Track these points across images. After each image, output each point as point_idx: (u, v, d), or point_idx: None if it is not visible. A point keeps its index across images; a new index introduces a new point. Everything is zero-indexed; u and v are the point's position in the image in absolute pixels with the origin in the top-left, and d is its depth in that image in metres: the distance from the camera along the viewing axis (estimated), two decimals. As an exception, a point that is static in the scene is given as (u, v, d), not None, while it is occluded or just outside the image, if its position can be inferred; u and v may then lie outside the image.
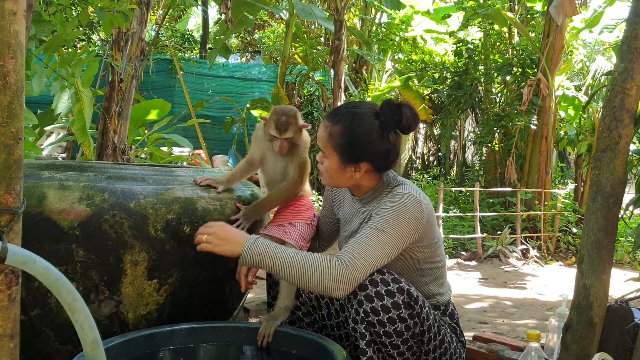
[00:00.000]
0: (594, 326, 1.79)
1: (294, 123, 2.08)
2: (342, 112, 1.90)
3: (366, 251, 1.73)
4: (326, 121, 1.91)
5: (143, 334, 1.90)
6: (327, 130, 1.89)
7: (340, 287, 1.70)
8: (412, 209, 1.80)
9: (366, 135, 1.85)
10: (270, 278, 2.23)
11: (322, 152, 1.93)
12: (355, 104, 1.95)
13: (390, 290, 1.69)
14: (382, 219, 1.78)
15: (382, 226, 1.77)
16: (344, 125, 1.86)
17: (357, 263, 1.71)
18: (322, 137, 1.90)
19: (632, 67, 1.70)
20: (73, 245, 1.93)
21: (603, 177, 1.75)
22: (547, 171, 7.36)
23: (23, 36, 1.10)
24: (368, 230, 1.78)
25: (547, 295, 4.82)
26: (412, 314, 1.71)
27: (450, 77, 8.53)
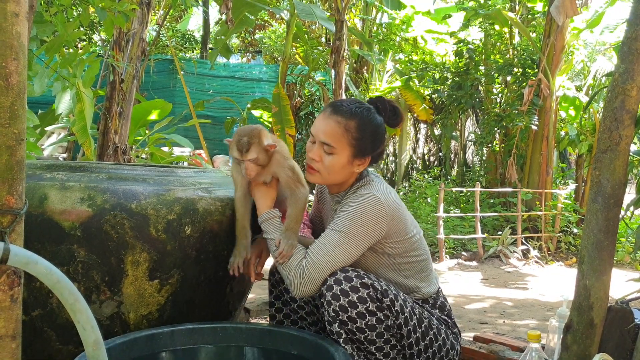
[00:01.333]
0: (594, 327, 1.79)
1: (256, 143, 1.92)
2: (352, 107, 1.90)
3: (324, 252, 1.80)
4: (337, 116, 1.88)
5: (144, 335, 1.90)
6: (341, 126, 1.86)
7: (300, 287, 1.82)
8: (370, 209, 1.83)
9: (380, 128, 1.93)
10: (273, 277, 2.22)
11: (329, 147, 1.88)
12: (355, 100, 1.98)
13: (354, 286, 1.73)
14: (340, 220, 1.85)
15: (340, 227, 1.83)
16: (361, 120, 1.88)
17: (314, 264, 1.79)
18: (334, 133, 1.87)
19: (632, 68, 1.71)
20: (74, 245, 1.93)
21: (604, 178, 1.76)
22: (548, 171, 7.36)
23: (25, 38, 1.10)
24: (328, 231, 1.86)
25: (547, 296, 4.82)
26: (380, 307, 1.74)
27: (450, 78, 8.52)
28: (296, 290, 1.84)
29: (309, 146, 1.95)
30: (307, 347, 1.88)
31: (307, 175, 1.97)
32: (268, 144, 1.93)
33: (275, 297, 2.21)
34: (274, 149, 1.95)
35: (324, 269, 1.79)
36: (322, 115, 1.93)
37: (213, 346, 2.01)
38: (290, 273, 1.84)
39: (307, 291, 1.81)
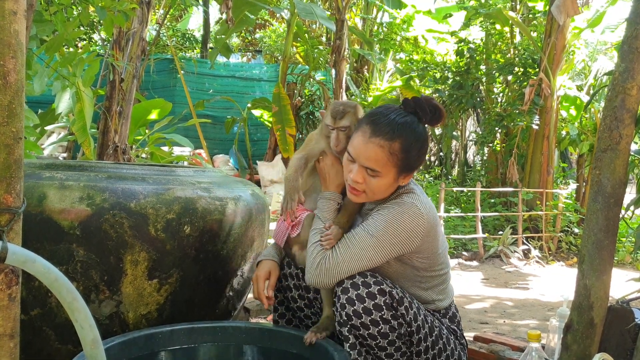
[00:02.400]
0: (594, 326, 1.79)
1: (352, 113, 1.90)
2: (394, 125, 1.75)
3: (350, 252, 1.75)
4: (378, 139, 1.73)
5: (143, 334, 1.90)
6: (385, 150, 1.73)
7: (314, 276, 1.78)
8: (409, 220, 1.77)
9: (425, 141, 1.83)
10: (279, 283, 2.10)
11: (374, 171, 1.75)
12: (394, 110, 1.81)
13: (371, 292, 1.68)
14: (375, 223, 1.78)
15: (373, 230, 1.76)
16: (406, 138, 1.75)
17: (337, 261, 1.75)
18: (378, 158, 1.74)
19: (632, 67, 1.70)
20: (73, 245, 1.93)
21: (604, 177, 1.75)
22: (549, 171, 7.35)
23: (23, 36, 1.10)
24: (360, 230, 1.79)
25: (548, 296, 4.81)
26: (395, 315, 1.70)
27: (451, 77, 8.51)
28: (309, 276, 1.79)
29: (348, 165, 1.81)
30: (306, 347, 1.88)
31: (350, 196, 1.85)
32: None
33: (279, 302, 2.14)
34: None
35: (344, 269, 1.74)
36: (360, 136, 1.77)
37: (212, 345, 2.00)
38: (312, 257, 1.79)
39: (319, 282, 1.77)
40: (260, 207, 2.39)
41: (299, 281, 2.06)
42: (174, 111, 8.29)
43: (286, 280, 2.09)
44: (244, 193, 2.33)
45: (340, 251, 1.76)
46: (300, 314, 2.11)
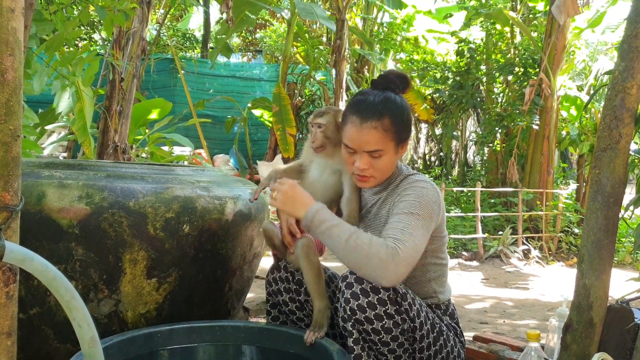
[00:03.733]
0: (594, 326, 1.78)
1: (331, 114, 2.01)
2: (376, 104, 1.84)
3: (408, 234, 1.69)
4: (369, 122, 1.81)
5: (142, 333, 1.90)
6: (379, 130, 1.81)
7: (393, 272, 1.64)
8: (432, 194, 1.84)
9: (406, 108, 1.91)
10: (270, 287, 2.12)
11: (377, 152, 1.83)
12: (369, 92, 1.90)
13: (374, 286, 1.67)
14: (410, 204, 1.79)
15: (414, 209, 1.77)
16: (391, 112, 1.84)
17: (406, 245, 1.66)
18: (376, 139, 1.82)
19: (632, 66, 1.70)
20: (72, 243, 1.93)
21: (603, 176, 1.75)
22: (549, 171, 7.34)
23: (21, 33, 1.09)
24: (401, 216, 1.76)
25: (548, 296, 4.81)
26: (399, 310, 1.70)
27: (452, 77, 8.51)
28: (389, 275, 1.64)
29: (349, 158, 1.88)
30: (305, 346, 1.87)
31: (360, 184, 1.93)
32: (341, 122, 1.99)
33: (272, 305, 2.15)
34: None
35: (415, 251, 1.70)
36: (352, 127, 1.84)
37: (211, 345, 2.00)
38: (373, 259, 1.64)
39: (401, 273, 1.66)
40: (259, 207, 2.39)
41: (289, 284, 2.06)
42: (174, 111, 8.29)
43: (276, 284, 2.08)
44: (243, 192, 2.33)
45: (402, 237, 1.68)
46: (293, 316, 2.10)
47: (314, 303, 1.94)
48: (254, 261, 2.45)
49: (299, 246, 1.94)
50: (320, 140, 2.00)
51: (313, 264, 1.93)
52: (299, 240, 1.95)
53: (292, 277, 2.05)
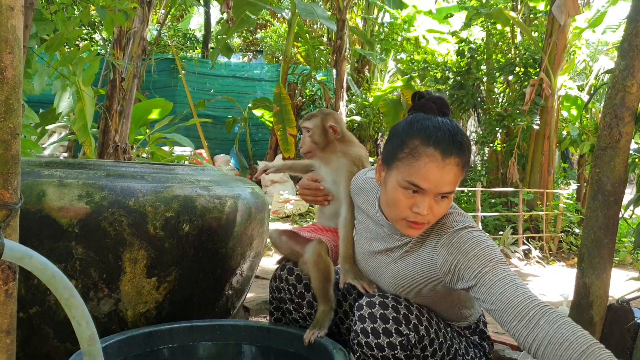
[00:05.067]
0: (594, 325, 1.78)
1: (319, 117, 1.93)
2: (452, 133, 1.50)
3: (514, 284, 1.43)
4: (453, 158, 1.48)
5: (142, 332, 1.90)
6: (461, 166, 1.51)
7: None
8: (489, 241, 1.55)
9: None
10: (274, 284, 2.07)
11: (449, 194, 1.52)
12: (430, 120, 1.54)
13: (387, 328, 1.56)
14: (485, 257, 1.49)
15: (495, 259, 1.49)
16: (468, 145, 1.54)
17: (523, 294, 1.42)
18: (456, 178, 1.51)
19: (632, 64, 1.70)
20: (72, 242, 1.93)
21: (603, 175, 1.75)
22: (550, 171, 7.33)
23: (20, 32, 1.10)
24: (498, 270, 1.46)
25: (549, 296, 4.80)
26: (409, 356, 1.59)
27: (452, 77, 8.50)
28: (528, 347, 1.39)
29: (405, 199, 1.52)
30: (306, 345, 1.87)
31: (409, 232, 1.57)
32: (331, 125, 1.92)
33: (275, 308, 2.10)
34: (335, 131, 1.93)
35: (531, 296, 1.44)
36: (429, 161, 1.48)
37: (211, 344, 2.00)
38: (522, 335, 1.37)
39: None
40: (259, 206, 2.39)
41: (292, 295, 2.00)
42: (175, 111, 8.29)
43: (279, 293, 2.04)
44: (244, 192, 2.33)
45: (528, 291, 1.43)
46: (297, 324, 2.08)
47: (319, 305, 1.91)
48: (254, 260, 2.45)
49: (309, 252, 1.92)
50: (308, 145, 1.94)
51: (321, 270, 1.89)
52: (308, 246, 1.94)
53: (297, 283, 1.99)
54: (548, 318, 1.33)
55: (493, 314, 1.43)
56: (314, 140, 1.92)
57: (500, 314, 1.40)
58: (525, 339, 1.35)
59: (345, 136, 1.98)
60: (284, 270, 2.02)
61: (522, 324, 1.35)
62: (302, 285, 1.98)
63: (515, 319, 1.37)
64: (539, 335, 1.32)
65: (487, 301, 1.43)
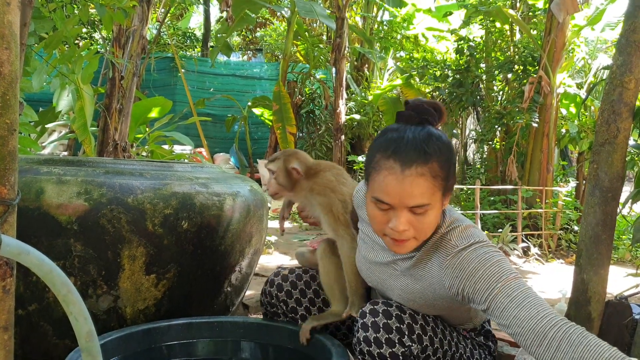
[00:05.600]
0: (592, 321, 1.79)
1: (281, 160, 1.91)
2: (416, 142, 1.43)
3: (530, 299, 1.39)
4: (415, 169, 1.40)
5: (141, 329, 1.90)
6: (427, 176, 1.42)
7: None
8: (497, 255, 1.49)
9: (449, 143, 1.50)
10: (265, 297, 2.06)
11: (424, 207, 1.44)
12: (399, 131, 1.48)
13: (390, 339, 1.53)
14: (497, 274, 1.43)
15: (507, 274, 1.43)
16: (439, 154, 1.44)
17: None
18: (424, 189, 1.42)
19: (630, 60, 1.70)
20: (71, 239, 1.93)
21: (601, 171, 1.75)
22: (549, 169, 7.33)
23: (17, 27, 1.10)
24: (508, 289, 1.40)
25: (548, 293, 4.81)
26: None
27: (451, 75, 8.50)
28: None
29: (381, 216, 1.48)
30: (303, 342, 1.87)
31: (395, 249, 1.53)
32: (293, 167, 1.88)
33: (272, 312, 2.08)
34: (299, 173, 1.89)
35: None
36: (388, 175, 1.42)
37: (210, 341, 2.00)
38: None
39: None
40: (258, 203, 2.39)
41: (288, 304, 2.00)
42: (175, 110, 8.29)
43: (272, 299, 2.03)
44: (242, 189, 2.33)
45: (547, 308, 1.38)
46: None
47: (332, 305, 1.90)
48: (253, 258, 2.46)
49: (318, 249, 1.93)
50: (274, 188, 1.91)
51: (325, 266, 1.89)
52: (319, 245, 1.94)
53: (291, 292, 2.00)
54: (569, 340, 1.28)
55: (513, 337, 1.38)
56: (279, 182, 1.90)
57: (518, 339, 1.36)
58: None
59: (310, 170, 1.92)
60: (278, 276, 2.02)
61: (543, 349, 1.30)
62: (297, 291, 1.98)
63: (533, 343, 1.32)
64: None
65: (503, 325, 1.39)
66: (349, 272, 1.83)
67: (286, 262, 4.98)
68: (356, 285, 1.83)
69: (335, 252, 1.90)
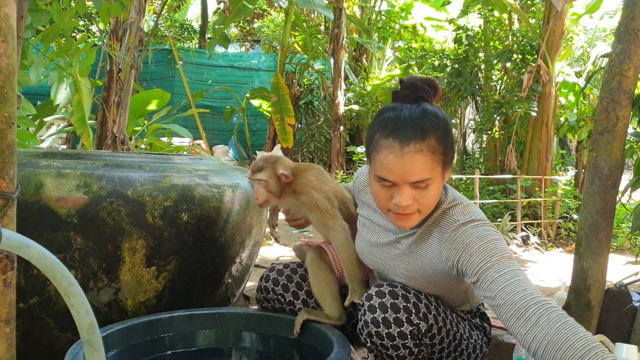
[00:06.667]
0: (591, 309, 1.79)
1: (269, 168, 1.89)
2: (417, 121, 1.47)
3: (523, 280, 1.41)
4: (413, 145, 1.44)
5: (142, 321, 1.90)
6: (425, 152, 1.46)
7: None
8: (495, 234, 1.53)
9: (445, 117, 1.54)
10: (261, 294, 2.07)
11: (426, 181, 1.48)
12: (396, 110, 1.52)
13: (398, 318, 1.56)
14: (490, 251, 1.47)
15: (501, 253, 1.46)
16: (435, 129, 1.48)
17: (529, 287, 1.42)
18: (424, 164, 1.46)
19: (629, 48, 1.70)
20: (71, 232, 1.93)
21: (601, 159, 1.75)
22: (548, 158, 7.33)
23: (14, 20, 1.09)
24: (497, 265, 1.44)
25: (547, 281, 4.82)
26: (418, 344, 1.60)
27: (450, 65, 8.49)
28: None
29: (385, 192, 1.53)
30: (305, 332, 1.88)
31: (401, 224, 1.58)
32: (282, 173, 1.87)
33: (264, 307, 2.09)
34: (288, 177, 1.88)
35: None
36: (389, 154, 1.47)
37: (211, 332, 2.01)
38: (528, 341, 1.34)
39: None
40: (258, 195, 2.38)
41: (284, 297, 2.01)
42: (173, 102, 8.26)
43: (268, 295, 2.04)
44: (242, 180, 2.33)
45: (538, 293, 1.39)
46: None
47: (324, 310, 1.91)
48: (254, 249, 2.46)
49: (307, 257, 1.95)
50: (265, 196, 1.88)
51: (315, 273, 1.91)
52: (308, 252, 1.96)
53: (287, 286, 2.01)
54: (549, 317, 1.30)
55: (494, 310, 1.42)
56: (269, 190, 1.88)
57: (499, 311, 1.39)
58: (524, 338, 1.32)
59: (293, 173, 1.93)
60: (272, 271, 2.03)
61: (521, 322, 1.33)
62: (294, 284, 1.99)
63: (514, 316, 1.35)
64: (538, 335, 1.29)
65: (489, 297, 1.42)
66: (346, 261, 1.85)
67: (286, 253, 4.99)
68: (355, 272, 1.84)
69: (324, 258, 1.93)
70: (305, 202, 1.89)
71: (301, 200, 1.90)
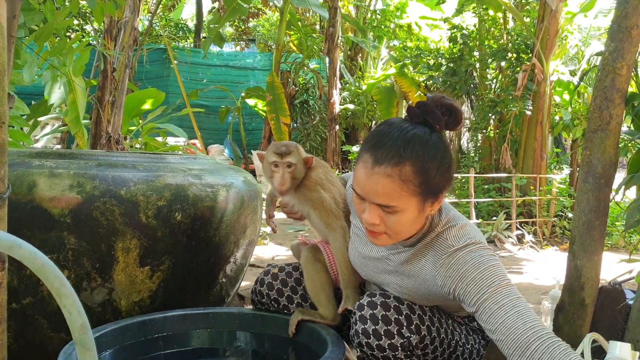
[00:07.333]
0: (585, 307, 1.79)
1: (295, 151, 1.82)
2: (397, 144, 1.40)
3: (523, 311, 1.37)
4: (383, 168, 1.38)
5: (136, 321, 1.90)
6: (394, 178, 1.38)
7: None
8: (492, 260, 1.47)
9: (444, 152, 1.44)
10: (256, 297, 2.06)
11: (390, 207, 1.42)
12: (392, 126, 1.45)
13: (389, 330, 1.55)
14: (490, 280, 1.42)
15: (500, 281, 1.41)
16: (415, 159, 1.39)
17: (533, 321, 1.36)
18: (389, 190, 1.39)
19: (622, 46, 1.70)
20: (64, 232, 1.92)
21: (594, 157, 1.75)
22: (542, 156, 7.35)
23: (4, 18, 1.08)
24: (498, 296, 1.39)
25: (542, 280, 4.83)
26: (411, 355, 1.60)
27: (445, 64, 8.50)
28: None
29: (359, 204, 1.48)
30: (300, 331, 1.88)
31: (372, 241, 1.54)
32: (306, 157, 1.84)
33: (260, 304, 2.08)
34: (311, 163, 1.85)
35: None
36: (362, 167, 1.43)
37: (205, 331, 2.00)
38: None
39: None
40: (252, 194, 2.38)
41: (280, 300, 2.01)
42: (168, 101, 8.26)
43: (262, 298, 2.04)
44: (236, 180, 2.33)
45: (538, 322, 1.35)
46: None
47: (319, 310, 1.90)
48: (248, 248, 2.45)
49: (302, 256, 1.94)
50: (289, 182, 1.80)
51: (309, 274, 1.90)
52: (302, 250, 1.95)
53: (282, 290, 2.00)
54: (552, 355, 1.26)
55: (496, 343, 1.38)
56: (294, 176, 1.81)
57: (501, 346, 1.36)
58: None
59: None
60: (268, 275, 2.02)
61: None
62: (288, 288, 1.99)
63: (515, 353, 1.31)
64: None
65: (490, 330, 1.38)
66: (342, 265, 1.83)
67: (281, 252, 4.99)
68: (350, 278, 1.82)
69: (319, 258, 1.91)
70: (312, 199, 1.86)
71: (307, 196, 1.86)
